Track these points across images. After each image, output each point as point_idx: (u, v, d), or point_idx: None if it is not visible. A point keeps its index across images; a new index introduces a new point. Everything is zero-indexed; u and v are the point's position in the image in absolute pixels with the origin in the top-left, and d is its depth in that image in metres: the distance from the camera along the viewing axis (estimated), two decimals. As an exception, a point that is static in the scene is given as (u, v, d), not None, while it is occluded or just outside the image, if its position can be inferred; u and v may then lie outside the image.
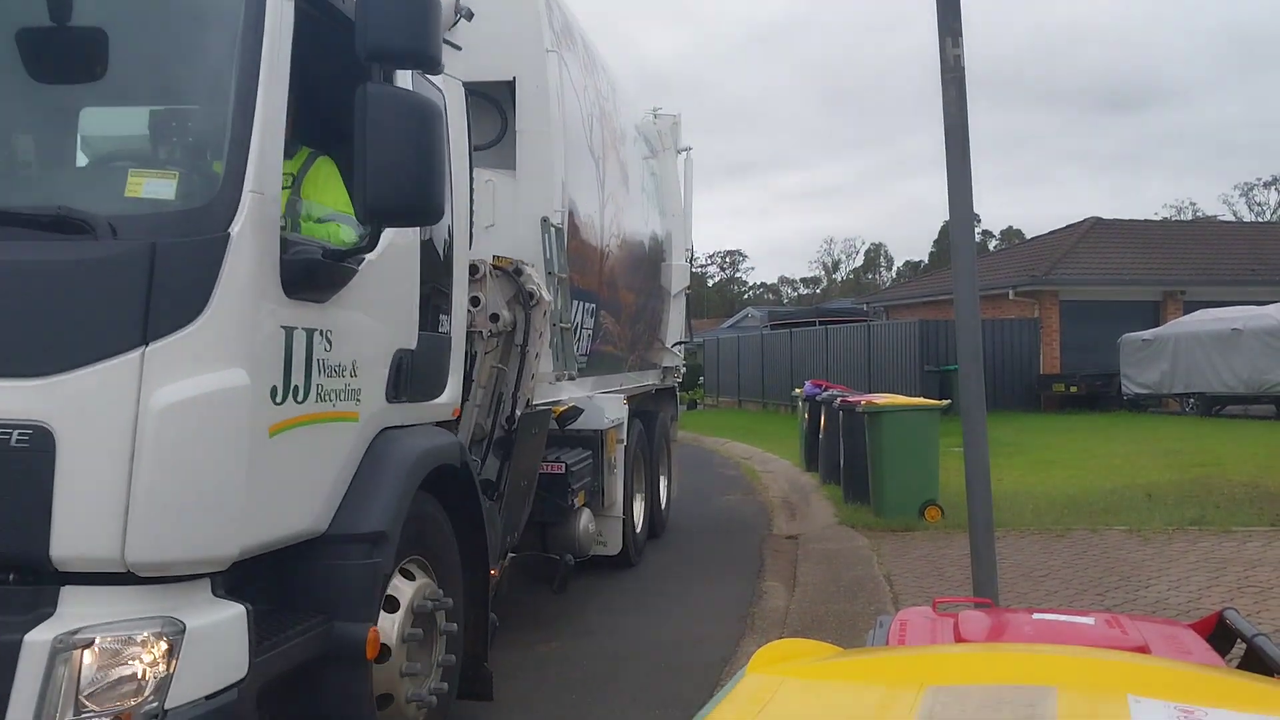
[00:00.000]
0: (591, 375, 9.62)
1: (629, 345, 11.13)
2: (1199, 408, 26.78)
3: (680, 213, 13.56)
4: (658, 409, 12.74)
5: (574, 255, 8.54)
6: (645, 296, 11.78)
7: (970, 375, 6.17)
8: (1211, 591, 8.11)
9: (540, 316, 7.03)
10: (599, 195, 9.45)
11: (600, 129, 9.62)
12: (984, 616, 3.49)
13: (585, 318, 9.11)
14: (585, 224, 9.00)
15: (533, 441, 7.37)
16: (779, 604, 8.98)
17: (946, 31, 5.98)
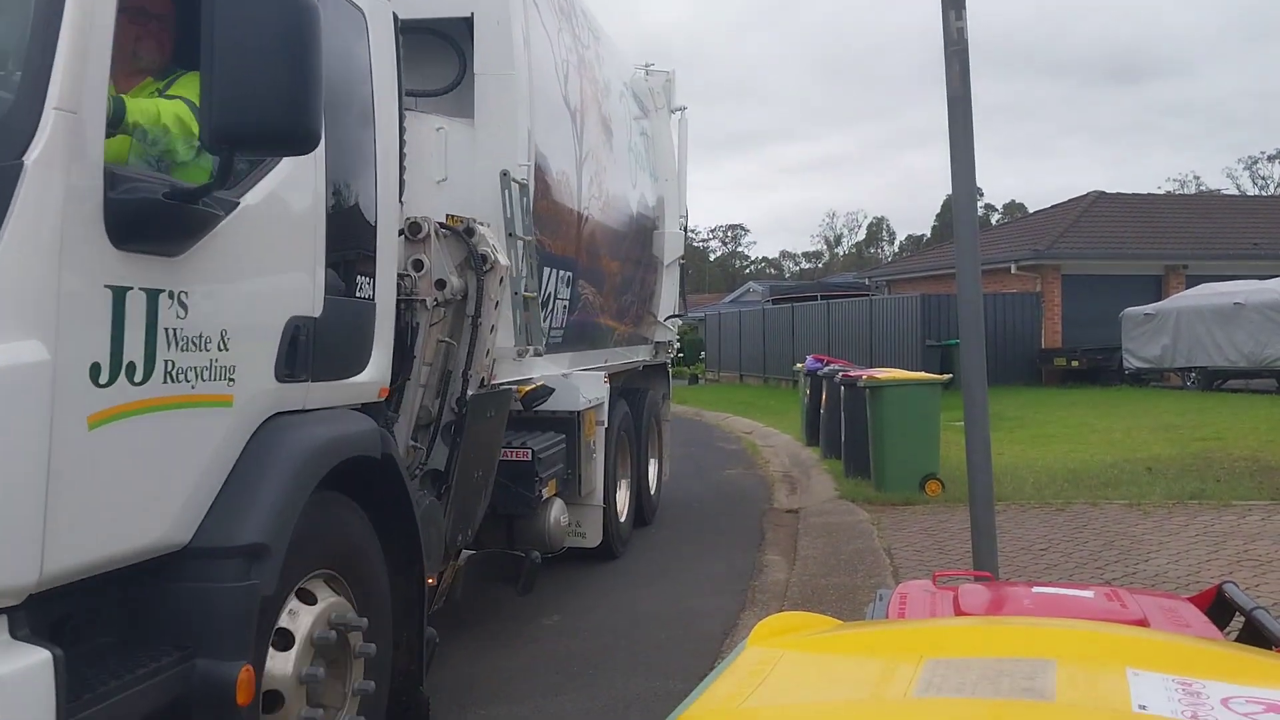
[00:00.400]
0: (568, 351, 8.58)
1: (614, 318, 10.03)
2: (1200, 382, 25.96)
3: (674, 177, 12.23)
4: (647, 386, 11.62)
5: (545, 217, 7.46)
6: (633, 266, 10.66)
7: (971, 350, 6.06)
8: (1211, 565, 7.98)
9: (495, 283, 6.00)
10: (575, 152, 8.28)
11: (578, 79, 8.47)
12: (983, 589, 3.47)
13: (560, 287, 8.04)
14: (559, 183, 7.85)
15: (488, 425, 6.31)
16: (779, 577, 8.84)
17: (950, 5, 5.81)
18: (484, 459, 6.32)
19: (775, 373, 35.38)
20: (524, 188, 6.81)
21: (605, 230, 9.36)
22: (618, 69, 10.44)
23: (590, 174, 8.63)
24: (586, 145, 8.52)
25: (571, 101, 8.18)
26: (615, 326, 10.13)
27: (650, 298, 11.59)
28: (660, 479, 11.99)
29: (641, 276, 10.98)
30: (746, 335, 39.73)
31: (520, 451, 7.13)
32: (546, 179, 7.49)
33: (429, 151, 6.47)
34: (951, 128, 5.89)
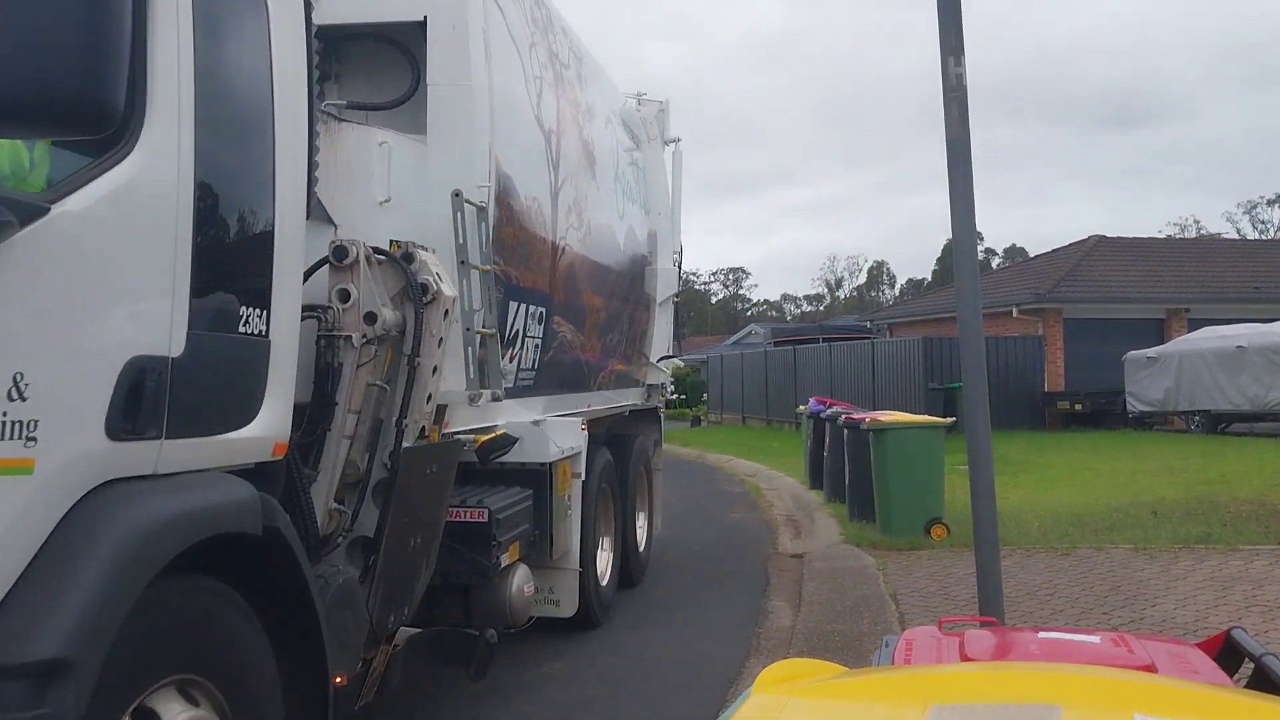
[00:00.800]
0: (542, 395, 7.57)
1: (598, 358, 9.02)
2: (1204, 425, 25.33)
3: (668, 211, 11.30)
4: (635, 432, 10.53)
5: (511, 246, 6.53)
6: (621, 303, 9.63)
7: (974, 393, 5.93)
8: (1219, 610, 7.75)
9: (438, 317, 5.06)
10: (550, 177, 7.33)
11: (555, 99, 7.54)
12: (989, 635, 3.45)
13: (530, 324, 7.06)
14: (528, 209, 6.89)
15: (428, 483, 5.28)
16: (784, 623, 8.58)
17: (948, 51, 5.74)
18: (424, 523, 5.30)
19: (778, 415, 34.69)
20: (483, 211, 5.88)
21: (587, 263, 8.39)
22: (605, 95, 9.56)
23: (568, 202, 7.71)
24: (564, 171, 7.59)
25: (546, 122, 7.26)
26: (600, 368, 9.16)
27: (641, 337, 10.60)
28: (651, 534, 10.86)
29: (630, 314, 9.98)
30: (749, 377, 39.09)
31: (475, 511, 6.00)
32: (513, 204, 6.55)
33: (371, 169, 5.58)
34: (951, 172, 5.81)
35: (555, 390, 7.89)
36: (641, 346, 10.62)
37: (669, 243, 11.20)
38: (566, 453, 7.25)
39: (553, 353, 7.63)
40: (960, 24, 5.75)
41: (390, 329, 4.94)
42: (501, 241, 6.26)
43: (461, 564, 5.89)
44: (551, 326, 7.50)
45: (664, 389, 11.50)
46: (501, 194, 6.28)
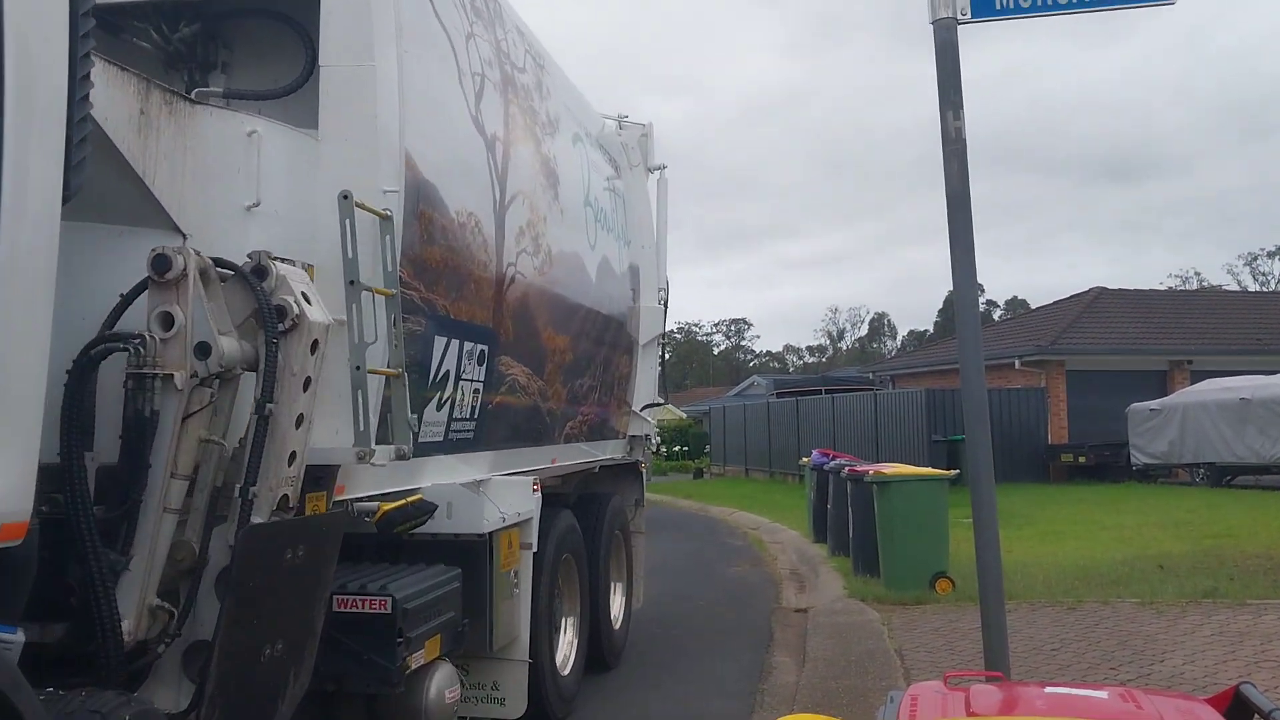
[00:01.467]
0: (486, 449, 6.29)
1: (564, 406, 7.77)
2: (1209, 478, 24.91)
3: (652, 244, 10.08)
4: (611, 491, 9.16)
5: (436, 268, 5.34)
6: (594, 343, 8.33)
7: (978, 446, 5.76)
8: (1228, 665, 7.53)
9: (300, 349, 3.93)
10: (494, 192, 6.12)
11: (502, 103, 6.36)
12: (995, 690, 3.39)
13: (467, 364, 5.82)
14: (462, 226, 5.67)
15: (288, 571, 4.02)
16: (789, 679, 8.32)
17: (947, 105, 5.69)
18: (282, 623, 4.01)
19: (781, 467, 34.04)
20: (387, 222, 4.71)
21: (547, 297, 7.13)
22: (575, 111, 8.34)
23: (519, 223, 6.50)
24: (514, 186, 6.40)
25: (488, 127, 6.05)
26: (567, 417, 7.89)
27: (621, 383, 9.29)
28: (628, 608, 9.42)
29: (606, 357, 8.71)
30: (751, 429, 38.42)
31: (375, 600, 4.66)
32: (438, 218, 5.34)
33: (236, 166, 4.43)
34: (952, 225, 5.73)
35: (506, 443, 6.62)
36: (622, 393, 9.38)
37: (653, 279, 9.99)
38: (511, 520, 5.91)
39: (500, 399, 6.39)
40: (959, 79, 5.68)
41: (234, 365, 3.81)
42: (422, 263, 5.11)
43: (357, 668, 4.61)
44: (497, 368, 6.26)
45: (649, 441, 10.23)
46: (419, 204, 5.10)
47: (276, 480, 3.94)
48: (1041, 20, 5.67)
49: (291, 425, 3.96)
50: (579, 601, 7.69)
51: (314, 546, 4.13)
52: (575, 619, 7.64)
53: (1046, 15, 5.54)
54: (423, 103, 5.23)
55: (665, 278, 10.35)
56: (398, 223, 4.85)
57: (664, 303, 10.20)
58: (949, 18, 5.61)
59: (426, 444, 5.40)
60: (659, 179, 10.36)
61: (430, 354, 5.35)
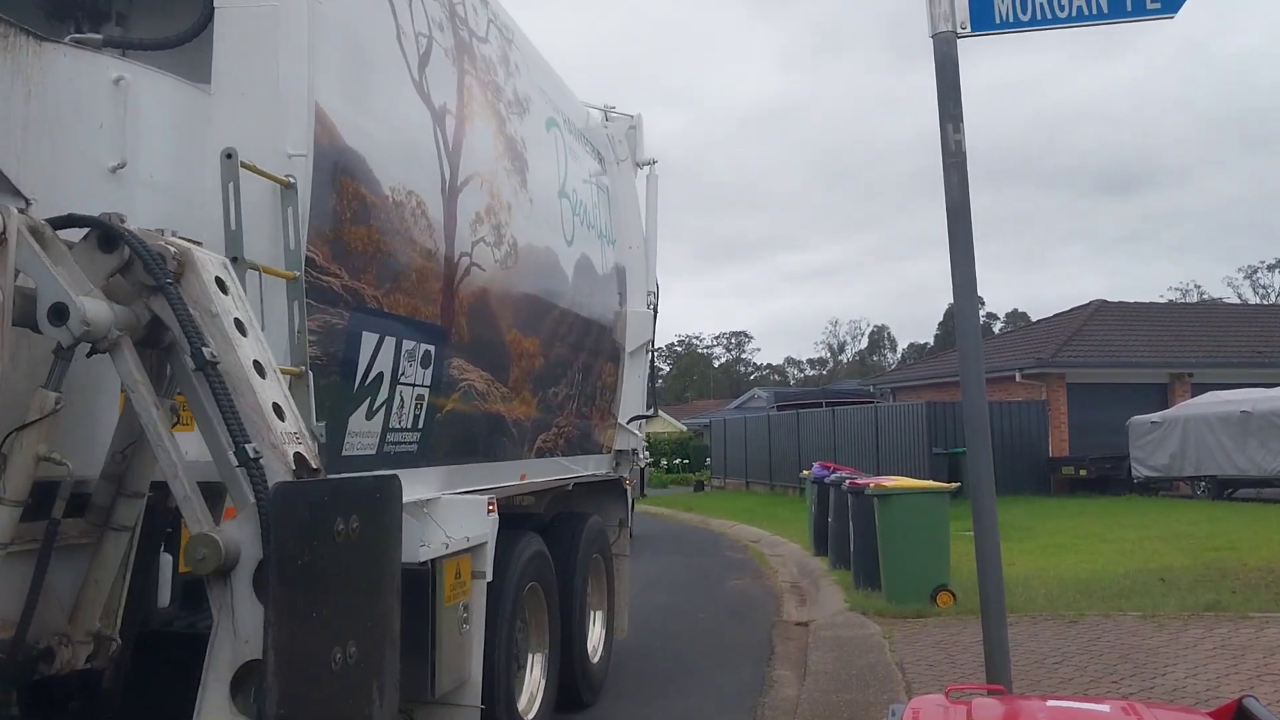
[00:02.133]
0: (435, 464, 5.46)
1: (535, 417, 6.93)
2: (1210, 491, 24.62)
3: (640, 244, 9.21)
4: (590, 510, 8.32)
5: (363, 252, 4.51)
6: (572, 348, 7.48)
7: (978, 458, 5.69)
8: (1230, 679, 7.46)
9: (202, 285, 3.19)
10: (441, 170, 5.28)
11: (455, 72, 5.55)
12: (997, 704, 3.38)
13: (408, 366, 4.99)
14: (399, 206, 4.82)
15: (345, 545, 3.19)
16: (789, 693, 8.22)
17: (947, 118, 5.64)
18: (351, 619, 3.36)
19: (781, 480, 33.73)
20: (289, 191, 3.90)
21: (512, 294, 6.28)
22: (550, 94, 7.52)
23: (476, 208, 5.68)
24: (468, 167, 5.57)
25: (436, 97, 5.24)
26: (540, 429, 7.06)
27: (605, 392, 8.47)
28: (609, 639, 8.51)
29: (586, 364, 7.88)
30: (752, 442, 38.09)
31: None
32: (366, 193, 4.50)
33: (98, 119, 3.65)
34: (952, 238, 5.67)
35: (461, 458, 5.78)
36: (606, 404, 8.55)
37: (642, 281, 9.15)
38: (459, 546, 5.12)
39: (453, 407, 5.56)
40: (959, 92, 5.62)
41: (107, 330, 3.14)
42: (344, 245, 4.30)
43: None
44: (448, 371, 5.44)
45: (636, 456, 9.34)
46: (339, 175, 4.27)
47: (277, 436, 3.12)
48: (1040, 33, 5.59)
49: (250, 371, 3.16)
50: (548, 635, 6.79)
51: (371, 516, 3.24)
52: (544, 654, 6.75)
53: (1046, 28, 5.49)
54: (345, 58, 4.41)
55: (655, 281, 9.49)
56: (305, 193, 3.99)
57: (654, 307, 9.35)
58: (949, 31, 5.58)
59: (353, 458, 4.56)
60: (649, 175, 9.52)
61: (356, 352, 4.47)
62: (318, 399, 4.13)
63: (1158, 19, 5.42)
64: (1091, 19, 5.44)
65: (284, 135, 4.00)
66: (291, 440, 3.24)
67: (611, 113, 9.15)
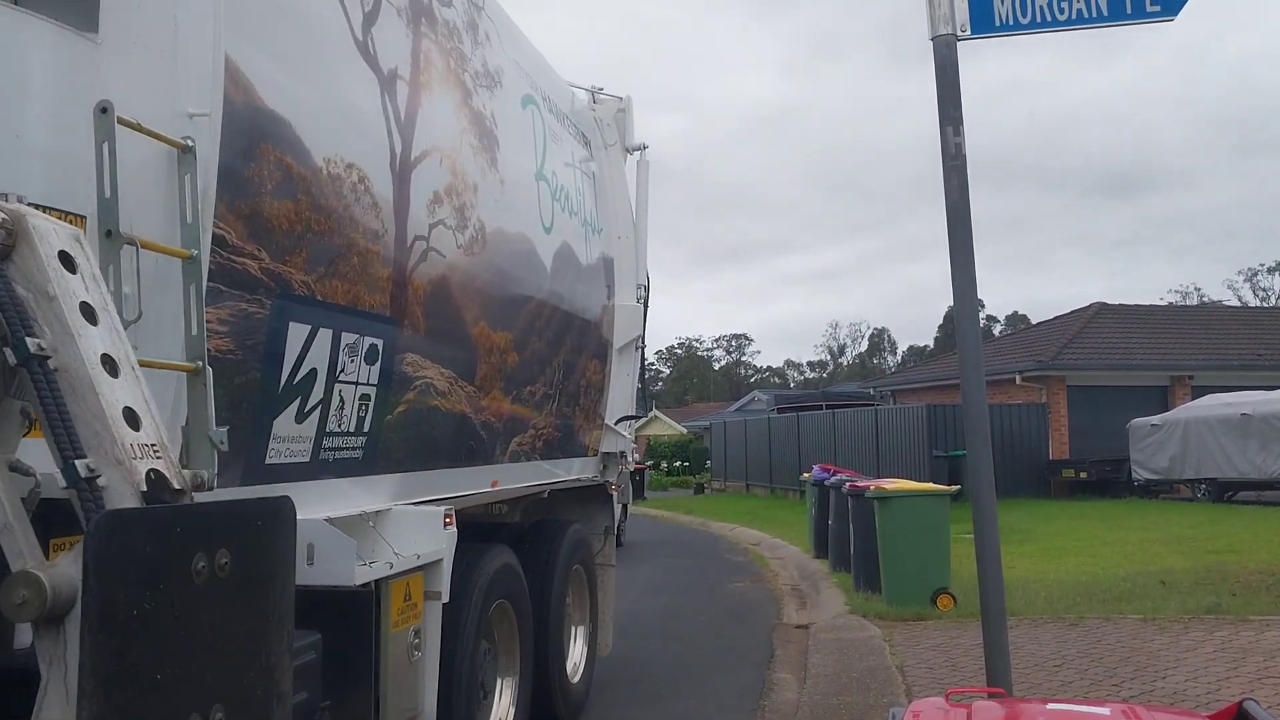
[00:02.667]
0: (388, 472, 4.86)
1: (509, 418, 6.31)
2: (1211, 494, 24.41)
3: (630, 234, 8.60)
4: (570, 519, 7.67)
5: (288, 230, 3.88)
6: (550, 344, 6.83)
7: (978, 461, 5.60)
8: (1231, 682, 7.42)
9: (38, 262, 2.49)
10: (391, 142, 4.65)
11: (409, 34, 4.95)
12: (997, 707, 3.35)
13: (351, 362, 4.39)
14: (336, 178, 4.13)
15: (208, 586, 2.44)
16: (790, 696, 8.16)
17: (947, 121, 5.56)
18: (215, 677, 2.58)
19: (781, 482, 33.44)
20: (186, 155, 3.27)
21: (479, 283, 5.63)
22: (528, 69, 6.88)
23: (434, 187, 5.06)
24: (425, 141, 4.96)
25: (385, 60, 4.63)
26: (514, 430, 6.46)
27: (591, 391, 7.85)
28: (592, 657, 7.89)
29: (568, 360, 7.26)
30: (752, 444, 37.82)
31: None
32: (293, 164, 3.88)
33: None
34: (952, 241, 5.60)
35: (418, 464, 5.17)
36: (591, 403, 7.94)
37: (631, 274, 8.55)
38: (408, 564, 4.48)
39: (407, 408, 4.94)
40: (959, 95, 5.56)
41: None
42: (265, 221, 3.68)
43: None
44: (400, 368, 4.82)
45: (625, 459, 8.70)
46: (256, 141, 3.64)
47: (124, 449, 2.48)
48: (1040, 35, 5.50)
49: (96, 368, 2.53)
50: (519, 657, 6.14)
51: (250, 549, 2.56)
52: (514, 679, 6.10)
53: (1046, 31, 5.42)
54: (267, 7, 3.84)
55: (646, 273, 8.86)
56: (210, 160, 3.38)
57: (644, 301, 8.73)
58: (949, 34, 5.51)
59: (282, 467, 3.95)
60: (640, 161, 8.88)
61: (280, 345, 3.85)
62: (231, 400, 3.53)
63: (1157, 22, 5.37)
64: (1091, 21, 5.39)
65: (184, 91, 3.38)
66: (147, 454, 2.58)
67: (599, 94, 8.56)
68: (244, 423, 3.69)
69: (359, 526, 4.39)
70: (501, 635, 6.00)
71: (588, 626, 7.81)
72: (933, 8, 5.59)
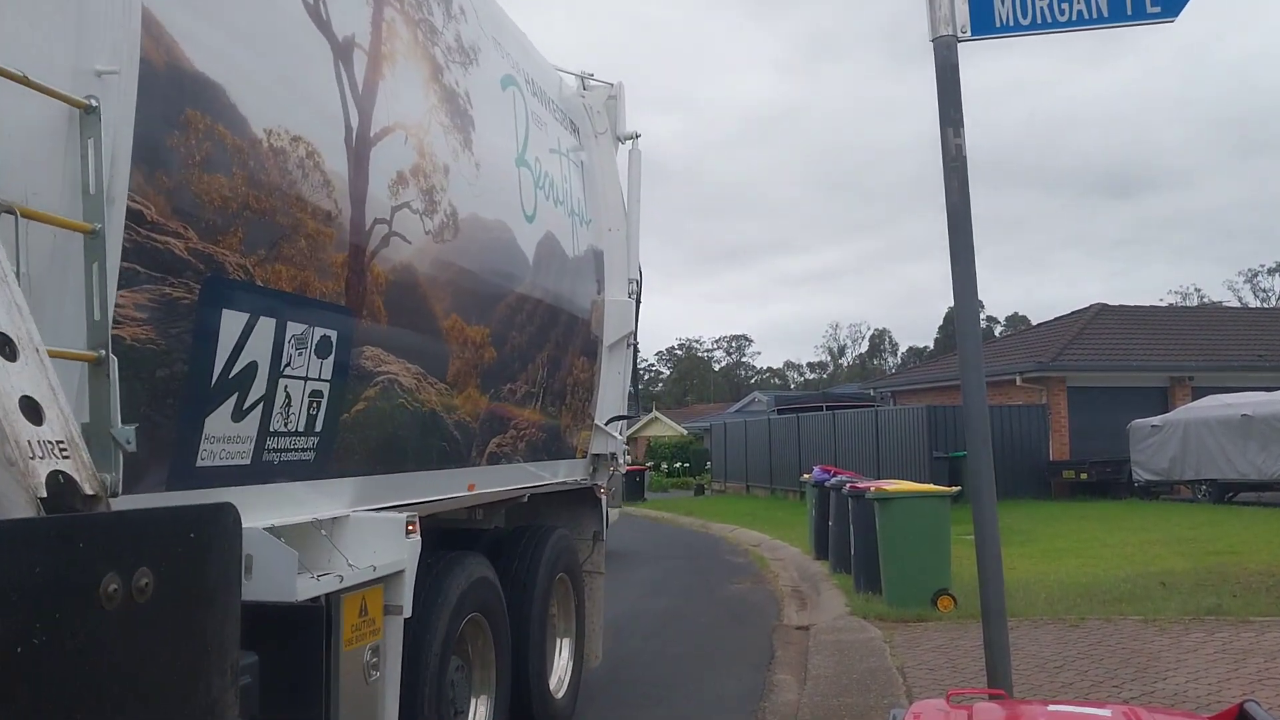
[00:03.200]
0: (345, 476, 4.41)
1: (484, 418, 5.85)
2: (1211, 495, 24.20)
3: (621, 226, 8.16)
4: (558, 523, 7.32)
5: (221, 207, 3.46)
6: (533, 340, 6.39)
7: (979, 462, 5.52)
8: (1231, 683, 7.32)
9: None
10: (346, 115, 4.25)
11: (370, 2, 4.58)
12: (998, 708, 3.32)
13: (299, 356, 3.96)
14: (280, 152, 3.71)
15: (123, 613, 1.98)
16: (790, 697, 8.09)
17: (948, 122, 5.52)
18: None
19: (782, 483, 33.16)
20: (90, 117, 2.82)
21: (450, 272, 5.19)
22: (511, 50, 6.47)
23: (397, 167, 4.64)
24: (387, 115, 4.55)
25: (339, 26, 4.22)
26: (493, 431, 6.01)
27: (579, 390, 7.45)
28: (578, 670, 7.46)
29: (554, 357, 6.84)
30: (752, 445, 37.49)
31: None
32: (229, 133, 3.47)
33: None
34: (952, 242, 5.56)
35: (380, 467, 4.71)
36: (580, 402, 7.53)
37: (623, 268, 8.16)
38: (363, 577, 4.05)
39: (366, 406, 4.50)
40: (959, 97, 5.53)
41: None
42: (193, 195, 3.28)
43: None
44: (358, 363, 4.39)
45: (616, 460, 8.26)
46: (180, 105, 3.24)
47: (20, 448, 2.07)
48: (1040, 36, 5.43)
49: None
50: (496, 673, 5.71)
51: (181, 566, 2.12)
52: (489, 697, 5.67)
53: (1046, 32, 5.37)
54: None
55: (639, 267, 8.45)
56: (121, 123, 2.97)
57: (635, 296, 8.34)
58: (949, 35, 5.47)
59: (216, 470, 3.55)
60: (631, 150, 8.45)
61: (212, 335, 3.43)
62: (153, 395, 3.13)
63: (1158, 23, 5.33)
64: (1092, 23, 5.35)
65: (90, 46, 2.95)
66: (50, 453, 2.19)
67: (589, 80, 8.14)
68: (168, 421, 3.27)
69: (310, 535, 3.97)
70: (476, 651, 5.61)
71: (574, 638, 7.40)
72: (933, 9, 5.54)
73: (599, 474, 8.09)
